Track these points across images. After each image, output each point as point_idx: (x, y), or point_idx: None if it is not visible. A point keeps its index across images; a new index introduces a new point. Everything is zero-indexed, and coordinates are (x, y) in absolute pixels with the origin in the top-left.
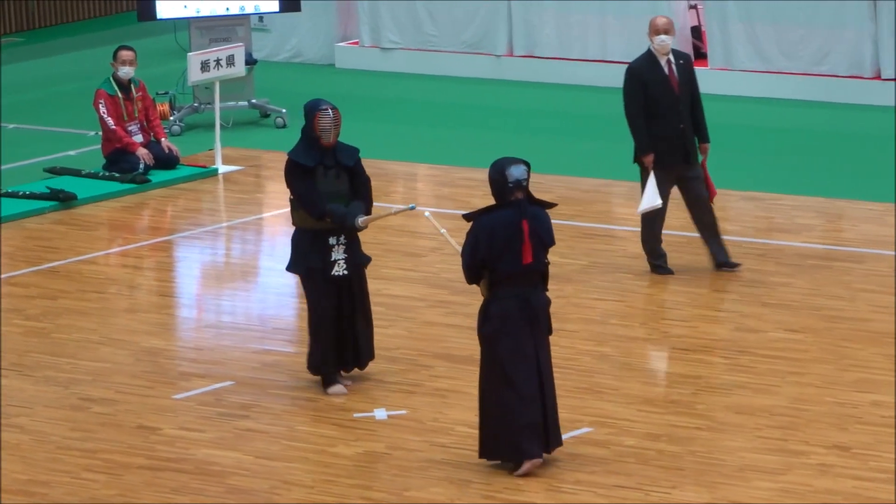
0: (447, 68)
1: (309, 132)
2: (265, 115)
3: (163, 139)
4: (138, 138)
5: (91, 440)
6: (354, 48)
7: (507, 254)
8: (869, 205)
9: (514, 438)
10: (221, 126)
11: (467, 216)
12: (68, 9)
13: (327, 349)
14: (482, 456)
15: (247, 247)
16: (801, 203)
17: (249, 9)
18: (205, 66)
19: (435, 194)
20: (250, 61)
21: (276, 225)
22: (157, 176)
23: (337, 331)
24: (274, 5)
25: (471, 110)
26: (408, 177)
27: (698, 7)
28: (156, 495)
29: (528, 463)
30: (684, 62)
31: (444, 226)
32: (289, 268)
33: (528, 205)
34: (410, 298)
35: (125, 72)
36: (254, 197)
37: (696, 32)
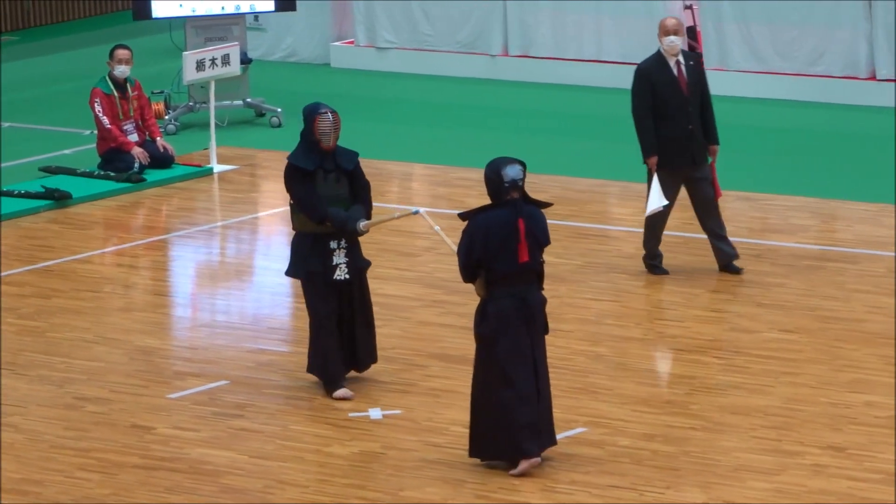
0: (442, 68)
1: (308, 136)
2: (260, 115)
3: (158, 138)
4: (134, 137)
5: (85, 439)
6: (350, 48)
7: (503, 253)
8: (863, 205)
9: (514, 438)
10: (216, 125)
11: (463, 215)
12: (64, 8)
13: (328, 352)
14: (474, 455)
15: (241, 246)
16: (796, 203)
17: (245, 8)
18: (200, 66)
19: (431, 194)
20: (245, 60)
21: (271, 224)
22: (152, 175)
23: (338, 334)
24: (269, 5)
25: (466, 110)
26: (403, 176)
27: (694, 7)
28: (150, 494)
29: (526, 462)
30: (694, 63)
31: (438, 225)
32: (288, 272)
33: (524, 204)
34: (405, 298)
35: (121, 70)
36: (249, 196)
37: (692, 33)
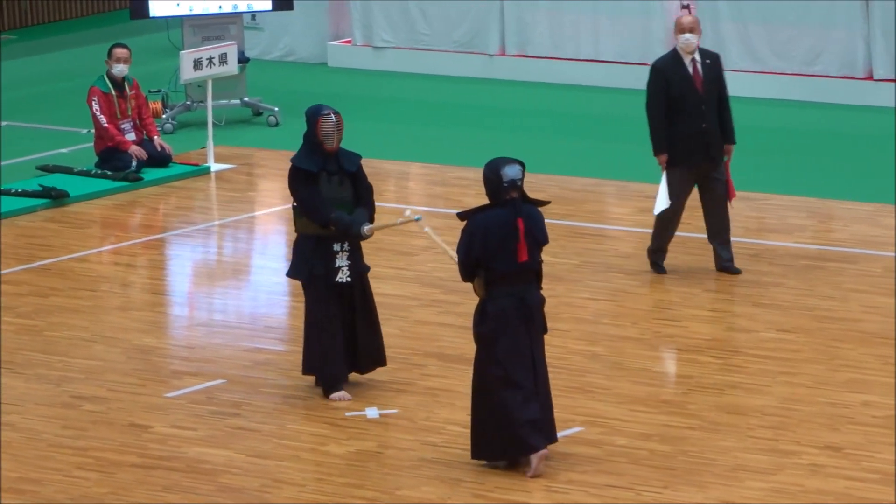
0: (439, 67)
1: (311, 138)
2: (257, 114)
3: (155, 137)
4: (131, 136)
5: (83, 438)
6: (347, 47)
7: (502, 253)
8: (860, 205)
9: (518, 435)
10: (214, 124)
11: (461, 215)
12: (61, 6)
13: (328, 353)
14: (477, 457)
15: (239, 245)
16: (793, 203)
17: (242, 7)
18: (197, 65)
19: (427, 193)
20: (243, 60)
21: (269, 223)
22: (150, 174)
23: (339, 336)
24: (266, 4)
25: (463, 109)
26: (400, 176)
27: (690, 7)
28: (147, 493)
29: (536, 457)
30: (711, 61)
31: (437, 227)
32: (290, 274)
33: (523, 204)
34: (403, 297)
35: (119, 69)
36: (246, 195)
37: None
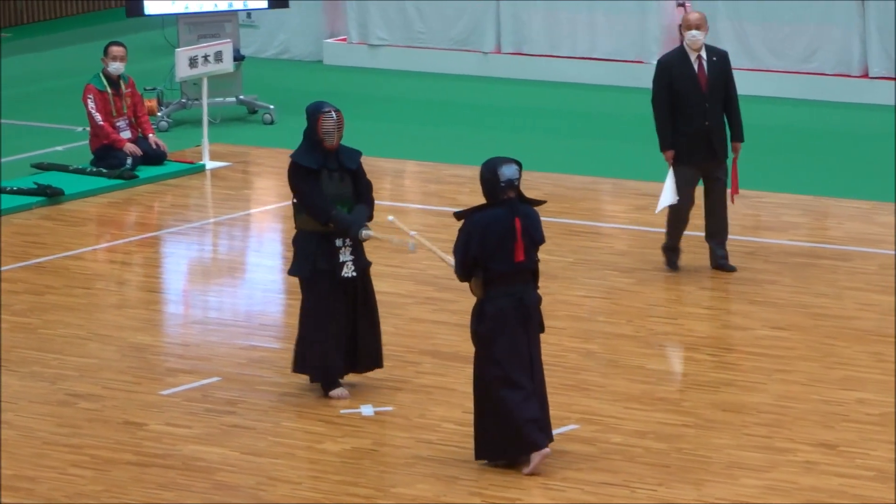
0: (435, 65)
1: (312, 135)
2: (253, 112)
3: (150, 135)
4: (126, 134)
5: (77, 436)
6: (342, 45)
7: (500, 252)
8: (855, 203)
9: (520, 433)
10: (209, 122)
11: (459, 214)
12: (57, 4)
13: (329, 352)
14: (481, 457)
15: (234, 243)
16: (788, 201)
17: (237, 5)
18: (193, 63)
19: (422, 191)
20: (238, 57)
21: (264, 221)
22: (145, 172)
23: (340, 335)
24: (262, 2)
25: (459, 107)
26: (395, 173)
27: (686, 5)
28: (142, 491)
29: (538, 455)
30: (718, 59)
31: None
32: (292, 271)
33: (520, 203)
34: (398, 295)
35: (115, 67)
36: (241, 193)
37: None
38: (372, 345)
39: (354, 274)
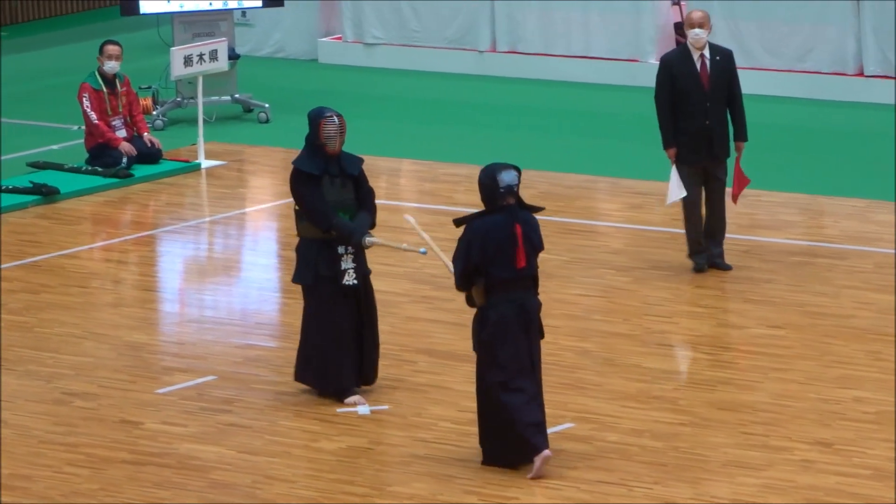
0: (431, 64)
1: (313, 140)
2: (248, 110)
3: (145, 134)
4: (122, 133)
5: (73, 434)
6: (337, 43)
7: (501, 259)
8: (851, 201)
9: (522, 437)
10: (204, 121)
11: (458, 221)
12: (52, 3)
13: (343, 363)
14: (489, 463)
15: (229, 241)
16: (784, 199)
17: (232, 4)
18: (188, 61)
19: (418, 190)
20: (233, 56)
21: (259, 220)
22: (140, 170)
23: (349, 342)
24: (257, 1)
25: (454, 106)
26: (391, 172)
27: (682, 4)
28: (138, 490)
29: (539, 458)
30: (721, 58)
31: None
32: (295, 279)
33: (519, 210)
34: (393, 294)
35: (111, 66)
36: (236, 192)
37: (680, 29)
38: (375, 359)
39: (356, 282)
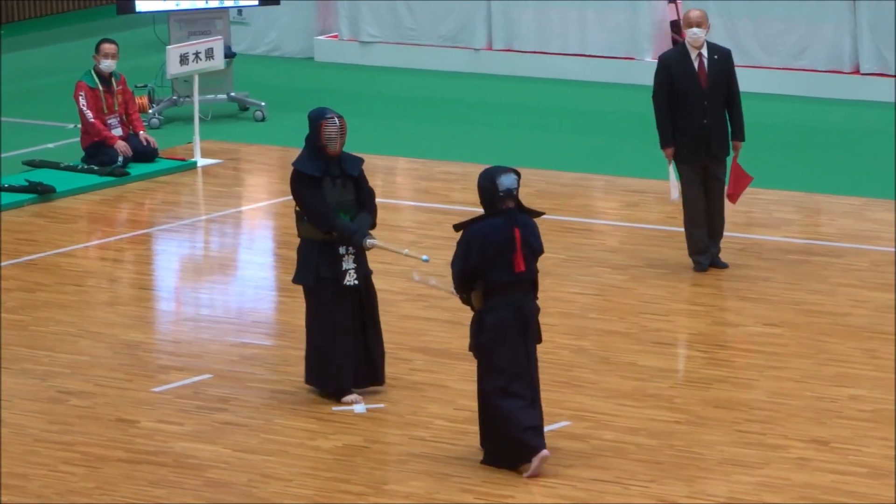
0: (426, 62)
1: (314, 141)
2: (244, 109)
3: (141, 132)
4: (118, 131)
5: (69, 433)
6: (333, 42)
7: (500, 262)
8: (848, 199)
9: (521, 439)
10: (200, 119)
11: (458, 226)
12: (48, 2)
13: (343, 364)
14: (487, 463)
15: (225, 240)
16: (780, 197)
17: (228, 2)
18: (184, 60)
19: (414, 188)
20: (229, 54)
21: (255, 218)
22: (136, 169)
23: (351, 344)
24: None
25: (450, 104)
26: (387, 170)
27: (678, 2)
28: (134, 488)
29: (537, 458)
30: (719, 57)
31: (423, 222)
32: (296, 279)
33: (518, 213)
34: (389, 292)
35: (107, 65)
36: (232, 190)
37: (676, 27)
38: (382, 358)
39: (357, 282)
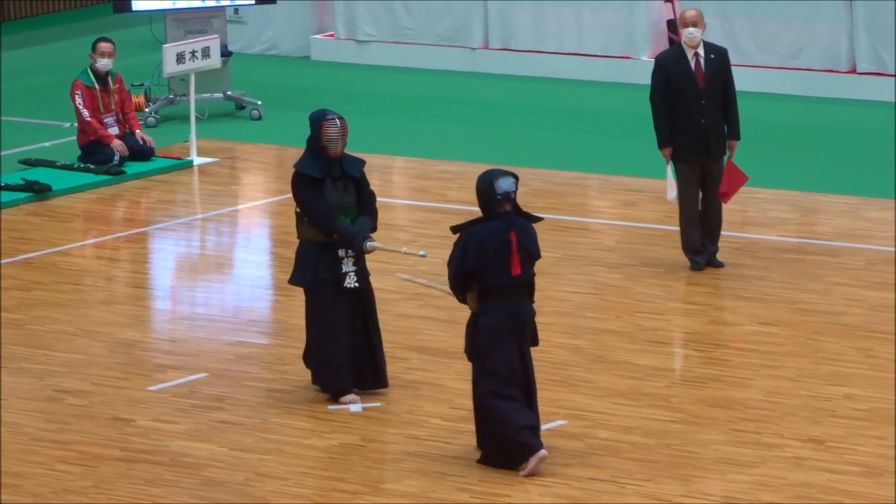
0: (423, 61)
1: (315, 142)
2: (240, 107)
3: (137, 130)
4: (114, 130)
5: (65, 432)
6: (330, 40)
7: (496, 266)
8: (843, 198)
9: (517, 440)
10: (197, 118)
11: (455, 228)
12: (44, 1)
13: (342, 364)
14: (485, 464)
15: (221, 239)
16: (776, 196)
17: (225, 1)
18: (180, 58)
19: (410, 187)
20: (225, 53)
21: (251, 217)
22: (132, 167)
23: (350, 344)
24: None
25: (446, 103)
26: (383, 169)
27: (674, 1)
28: (130, 487)
29: (535, 458)
30: (716, 57)
31: (420, 221)
32: (293, 280)
33: (516, 217)
34: (385, 291)
35: (104, 64)
36: (228, 189)
37: (672, 26)
38: (383, 363)
39: (357, 285)
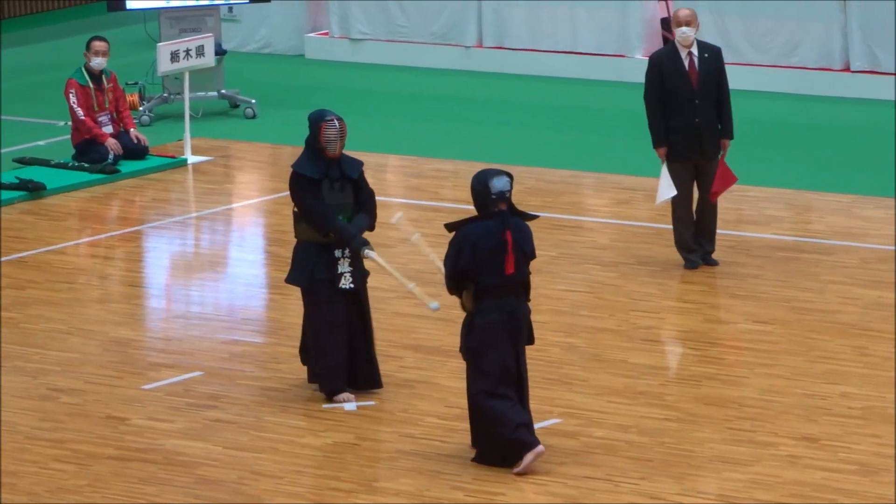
0: (417, 59)
1: (314, 143)
2: (235, 106)
3: (131, 129)
4: (108, 129)
5: (59, 430)
6: (324, 39)
7: (491, 265)
8: (837, 196)
9: (513, 438)
10: (191, 116)
11: (450, 226)
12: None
13: (338, 363)
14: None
15: (216, 237)
16: (770, 195)
17: None
18: (174, 57)
19: (404, 185)
20: (220, 52)
21: (245, 216)
22: (127, 166)
23: (347, 343)
24: None
25: (441, 101)
26: (378, 168)
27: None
28: (124, 485)
29: (532, 454)
30: (710, 56)
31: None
32: (289, 280)
33: (511, 216)
34: (380, 289)
35: (98, 62)
36: (223, 187)
37: (666, 24)
38: (376, 364)
39: (353, 285)
